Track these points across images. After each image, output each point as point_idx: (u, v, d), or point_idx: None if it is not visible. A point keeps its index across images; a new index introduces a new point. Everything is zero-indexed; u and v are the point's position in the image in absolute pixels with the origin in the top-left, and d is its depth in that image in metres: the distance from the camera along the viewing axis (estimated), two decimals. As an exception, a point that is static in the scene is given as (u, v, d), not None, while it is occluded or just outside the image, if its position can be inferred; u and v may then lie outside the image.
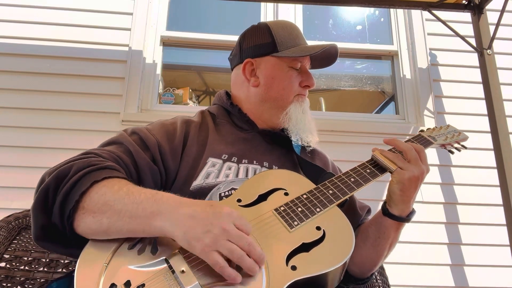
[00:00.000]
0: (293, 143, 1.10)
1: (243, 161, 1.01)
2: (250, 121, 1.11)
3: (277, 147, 1.10)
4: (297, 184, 0.91)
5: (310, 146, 1.12)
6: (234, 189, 0.93)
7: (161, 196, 0.75)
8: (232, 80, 1.20)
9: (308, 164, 1.06)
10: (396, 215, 0.91)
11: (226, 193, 0.93)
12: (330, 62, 1.17)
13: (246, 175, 0.98)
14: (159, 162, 0.93)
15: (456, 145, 1.12)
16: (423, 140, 1.05)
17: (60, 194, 0.75)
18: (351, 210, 1.07)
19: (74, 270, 0.69)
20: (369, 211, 1.12)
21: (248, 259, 0.67)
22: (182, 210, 0.71)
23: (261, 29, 1.14)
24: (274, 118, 1.10)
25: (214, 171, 0.96)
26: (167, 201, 0.74)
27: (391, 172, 0.91)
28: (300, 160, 1.08)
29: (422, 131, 1.11)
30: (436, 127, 1.14)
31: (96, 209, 0.74)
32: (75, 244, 0.75)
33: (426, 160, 0.92)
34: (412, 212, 0.93)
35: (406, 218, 0.92)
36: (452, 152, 1.12)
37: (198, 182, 0.94)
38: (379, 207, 0.97)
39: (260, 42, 1.11)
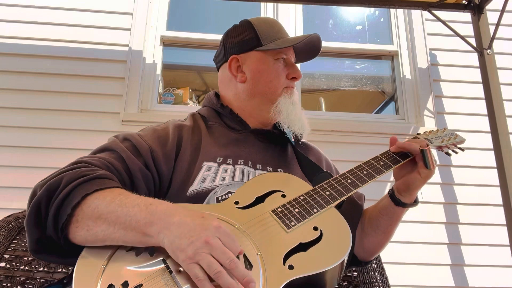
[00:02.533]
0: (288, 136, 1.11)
1: (239, 162, 1.01)
2: (242, 121, 1.11)
3: (271, 145, 1.10)
4: (294, 186, 0.92)
5: (302, 136, 1.13)
6: (231, 192, 0.93)
7: (155, 207, 0.74)
8: (219, 79, 1.20)
9: (306, 159, 1.08)
10: (408, 203, 0.98)
11: (223, 196, 0.92)
12: (314, 54, 1.18)
13: (242, 178, 0.98)
14: (152, 168, 0.92)
15: (453, 147, 1.12)
16: None
17: (52, 207, 0.75)
18: (352, 203, 1.08)
19: (73, 271, 0.69)
20: (364, 198, 1.15)
21: (227, 277, 0.63)
22: (173, 219, 0.71)
23: (243, 26, 1.15)
24: (264, 112, 1.10)
25: (210, 175, 0.96)
26: (160, 211, 0.73)
27: (429, 169, 0.93)
28: (298, 154, 1.09)
29: (418, 133, 1.12)
30: (432, 130, 1.15)
31: (90, 223, 0.74)
32: (71, 253, 0.75)
33: None
34: (417, 196, 1.01)
35: (414, 203, 1.00)
36: (449, 154, 1.12)
37: (195, 187, 0.93)
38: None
39: (244, 38, 1.12)
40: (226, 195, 0.93)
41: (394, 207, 0.98)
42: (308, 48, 1.15)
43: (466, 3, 2.40)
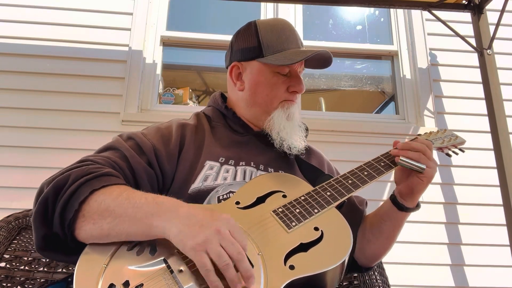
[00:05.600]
0: None
1: (240, 163, 1.02)
2: (245, 124, 1.11)
3: (273, 148, 1.10)
4: (295, 187, 0.92)
5: (292, 154, 1.09)
6: (232, 192, 0.93)
7: (162, 199, 0.76)
8: (227, 80, 1.18)
9: (306, 164, 1.08)
10: (411, 208, 0.98)
11: (225, 196, 0.93)
12: (325, 65, 1.13)
13: (244, 178, 0.99)
14: (155, 166, 0.93)
15: (453, 148, 1.12)
16: None
17: (59, 204, 0.76)
18: (353, 207, 1.08)
19: (73, 271, 0.69)
20: (366, 203, 1.14)
21: (233, 271, 0.65)
22: (181, 210, 0.72)
23: (250, 30, 1.10)
24: (261, 122, 1.09)
25: (212, 173, 0.97)
26: (168, 203, 0.74)
27: (421, 172, 0.92)
28: (299, 160, 1.08)
29: (419, 135, 1.12)
30: (432, 131, 1.15)
31: (96, 216, 0.74)
32: (77, 251, 0.75)
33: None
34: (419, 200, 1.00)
35: (416, 207, 1.00)
36: (449, 155, 1.13)
37: (196, 185, 0.94)
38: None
39: (247, 46, 1.08)
40: (228, 195, 0.93)
41: (397, 212, 0.97)
42: (319, 58, 1.09)
43: (466, 3, 2.40)
